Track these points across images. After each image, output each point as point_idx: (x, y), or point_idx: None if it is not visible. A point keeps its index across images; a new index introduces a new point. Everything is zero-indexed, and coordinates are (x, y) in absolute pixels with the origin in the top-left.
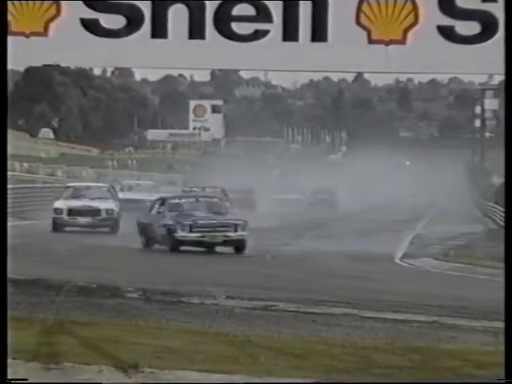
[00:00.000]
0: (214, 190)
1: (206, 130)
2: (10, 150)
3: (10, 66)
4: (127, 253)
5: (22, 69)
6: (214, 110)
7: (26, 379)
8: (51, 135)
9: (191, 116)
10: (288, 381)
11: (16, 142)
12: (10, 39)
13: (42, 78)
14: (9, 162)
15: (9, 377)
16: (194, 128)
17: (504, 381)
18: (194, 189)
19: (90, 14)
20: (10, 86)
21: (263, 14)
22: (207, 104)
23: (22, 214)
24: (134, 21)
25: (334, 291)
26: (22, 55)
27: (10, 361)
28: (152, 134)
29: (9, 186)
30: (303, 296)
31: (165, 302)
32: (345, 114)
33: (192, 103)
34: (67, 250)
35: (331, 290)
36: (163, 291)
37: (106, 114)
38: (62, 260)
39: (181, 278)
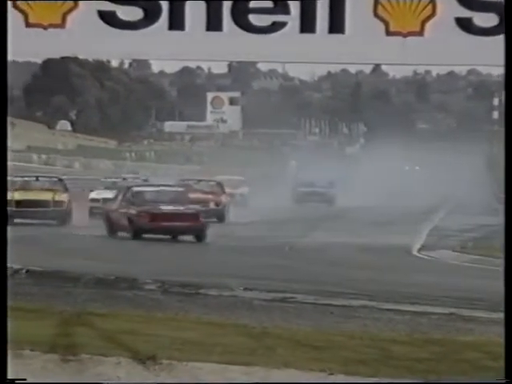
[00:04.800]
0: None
1: (224, 121)
2: (28, 142)
3: (28, 58)
4: None
5: (39, 61)
6: (232, 102)
7: (24, 379)
8: (69, 127)
9: (209, 108)
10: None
11: (34, 133)
12: (28, 31)
13: (59, 70)
14: (27, 154)
15: (22, 371)
16: (214, 120)
17: (504, 381)
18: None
19: (108, 5)
20: (28, 78)
21: (281, 6)
22: (225, 96)
23: None
24: (151, 12)
25: (353, 283)
26: (39, 47)
27: (27, 352)
28: (170, 126)
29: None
30: (321, 288)
31: (183, 293)
32: (362, 105)
33: (209, 95)
34: None
35: (349, 282)
36: (181, 283)
37: (123, 106)
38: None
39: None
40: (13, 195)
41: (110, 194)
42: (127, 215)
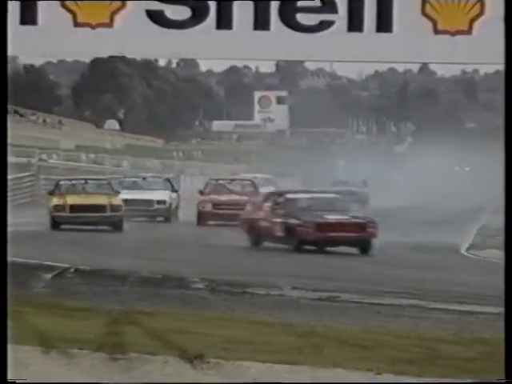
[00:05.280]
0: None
1: (271, 121)
2: (76, 141)
3: (76, 58)
4: None
5: (87, 60)
6: (279, 101)
7: (25, 379)
8: (117, 126)
9: (256, 107)
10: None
11: (82, 132)
12: (76, 30)
13: (107, 69)
14: (75, 153)
15: (70, 370)
16: (261, 119)
17: (504, 381)
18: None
19: (156, 5)
20: (77, 77)
21: (328, 5)
22: (272, 95)
23: None
24: (199, 12)
25: (400, 282)
26: (87, 46)
27: (76, 351)
28: (217, 125)
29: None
30: (368, 287)
31: (230, 292)
32: (410, 104)
33: (257, 94)
34: None
35: (397, 281)
36: (228, 282)
37: (171, 105)
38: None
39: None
40: (64, 199)
41: (129, 196)
42: (285, 225)
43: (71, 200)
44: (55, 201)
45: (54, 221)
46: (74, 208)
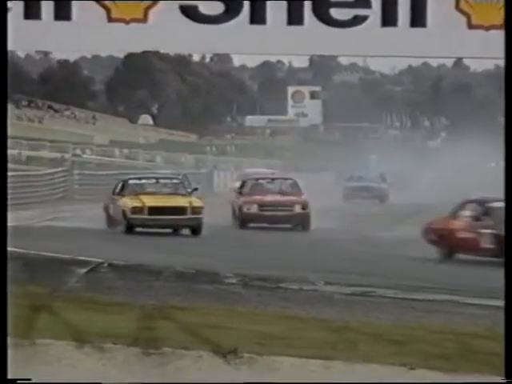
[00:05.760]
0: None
1: (305, 116)
2: (110, 136)
3: (110, 53)
4: None
5: (121, 55)
6: (313, 96)
7: (29, 379)
8: (150, 121)
9: (290, 102)
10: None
11: (116, 128)
12: (110, 26)
13: (141, 64)
14: (109, 148)
15: (104, 364)
16: (294, 114)
17: (504, 381)
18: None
19: (189, 0)
20: (111, 72)
21: (362, 0)
22: (305, 90)
23: None
24: (232, 7)
25: (434, 277)
26: (121, 42)
27: (109, 346)
28: (250, 120)
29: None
30: (402, 282)
31: (263, 287)
32: (444, 99)
33: (290, 89)
34: None
35: (430, 276)
36: (261, 277)
37: (204, 100)
38: None
39: None
40: (141, 201)
41: None
42: (498, 237)
43: (149, 201)
44: (130, 202)
45: (130, 223)
46: (152, 210)
